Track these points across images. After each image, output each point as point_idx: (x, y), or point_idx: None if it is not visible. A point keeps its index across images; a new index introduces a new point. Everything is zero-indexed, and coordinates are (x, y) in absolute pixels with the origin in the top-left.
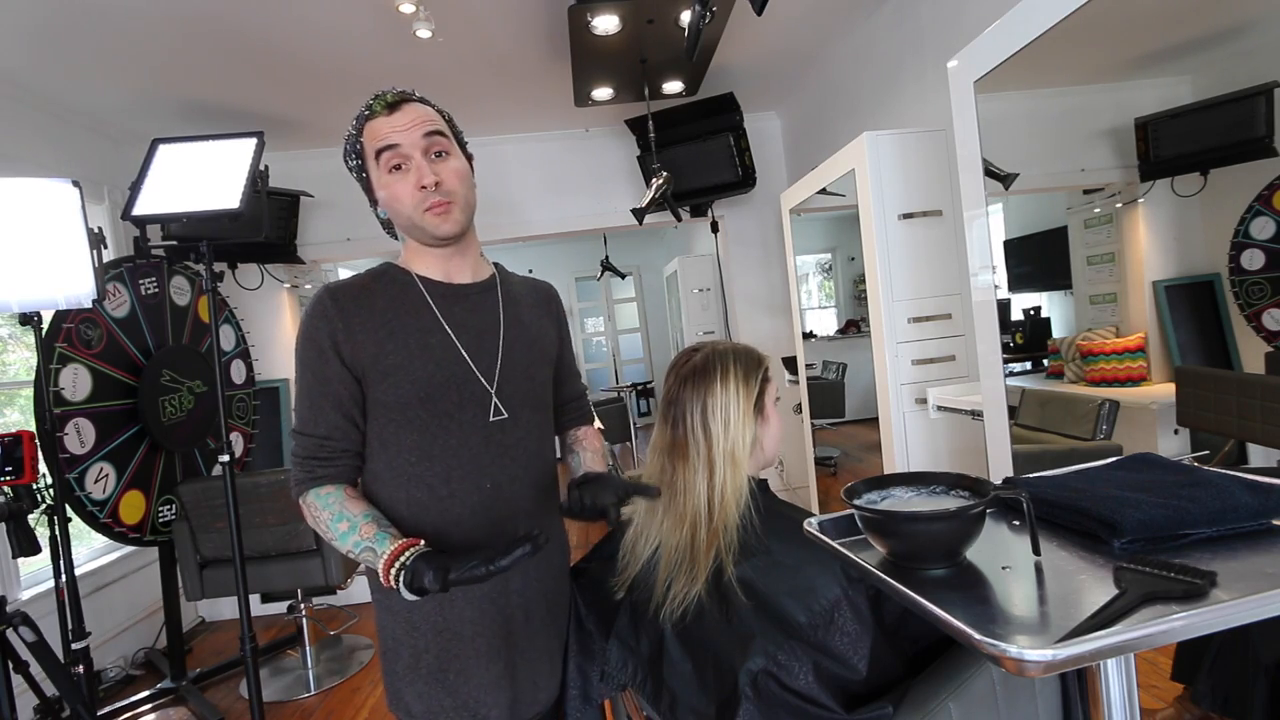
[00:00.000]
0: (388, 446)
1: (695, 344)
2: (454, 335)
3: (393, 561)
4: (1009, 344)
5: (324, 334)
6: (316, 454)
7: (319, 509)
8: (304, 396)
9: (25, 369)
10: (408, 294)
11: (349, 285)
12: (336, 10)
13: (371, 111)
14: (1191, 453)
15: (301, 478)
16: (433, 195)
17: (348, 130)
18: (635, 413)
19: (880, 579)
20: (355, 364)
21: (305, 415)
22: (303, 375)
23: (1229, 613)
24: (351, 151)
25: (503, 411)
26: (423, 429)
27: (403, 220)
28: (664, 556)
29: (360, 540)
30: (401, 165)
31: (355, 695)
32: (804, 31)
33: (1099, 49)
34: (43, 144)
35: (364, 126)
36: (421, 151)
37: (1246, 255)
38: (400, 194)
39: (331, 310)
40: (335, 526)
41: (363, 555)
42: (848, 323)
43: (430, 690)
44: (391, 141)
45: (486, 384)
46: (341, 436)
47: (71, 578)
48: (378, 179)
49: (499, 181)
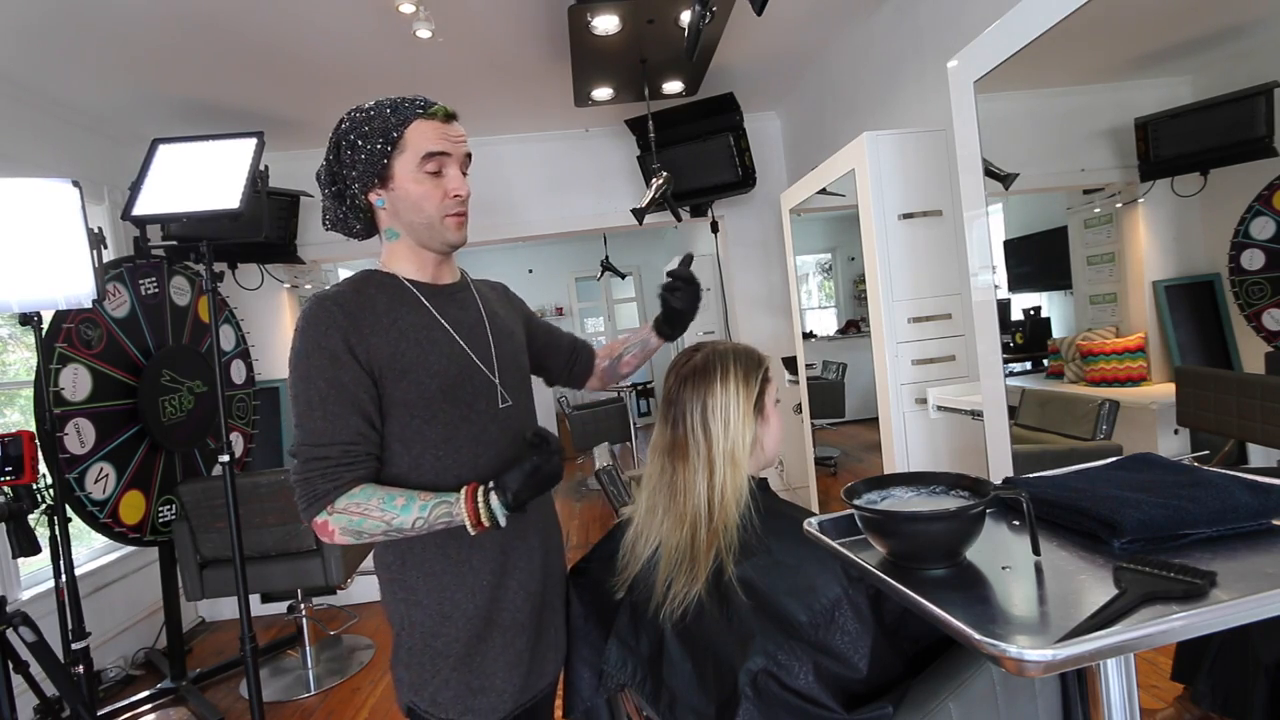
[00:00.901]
0: (411, 445)
1: (695, 344)
2: (453, 331)
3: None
4: (1009, 344)
5: (336, 339)
6: (341, 461)
7: (359, 506)
8: (318, 408)
9: (25, 369)
10: (402, 295)
11: (345, 291)
12: (337, 10)
13: (427, 113)
14: (1191, 453)
15: (325, 489)
16: (461, 205)
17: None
18: (635, 413)
19: (880, 579)
20: (371, 365)
21: (321, 427)
22: (311, 387)
23: (1229, 613)
24: (378, 134)
25: (508, 399)
26: (446, 421)
27: (421, 219)
28: (664, 556)
29: (426, 503)
30: (438, 172)
31: (355, 695)
32: (804, 31)
33: (1099, 49)
34: (43, 144)
35: (411, 122)
36: (458, 166)
37: (1246, 255)
38: (431, 194)
39: (339, 315)
40: (390, 506)
41: (435, 513)
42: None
43: (458, 675)
44: (446, 149)
45: (489, 374)
46: (364, 440)
47: (71, 578)
48: (407, 174)
49: (499, 181)
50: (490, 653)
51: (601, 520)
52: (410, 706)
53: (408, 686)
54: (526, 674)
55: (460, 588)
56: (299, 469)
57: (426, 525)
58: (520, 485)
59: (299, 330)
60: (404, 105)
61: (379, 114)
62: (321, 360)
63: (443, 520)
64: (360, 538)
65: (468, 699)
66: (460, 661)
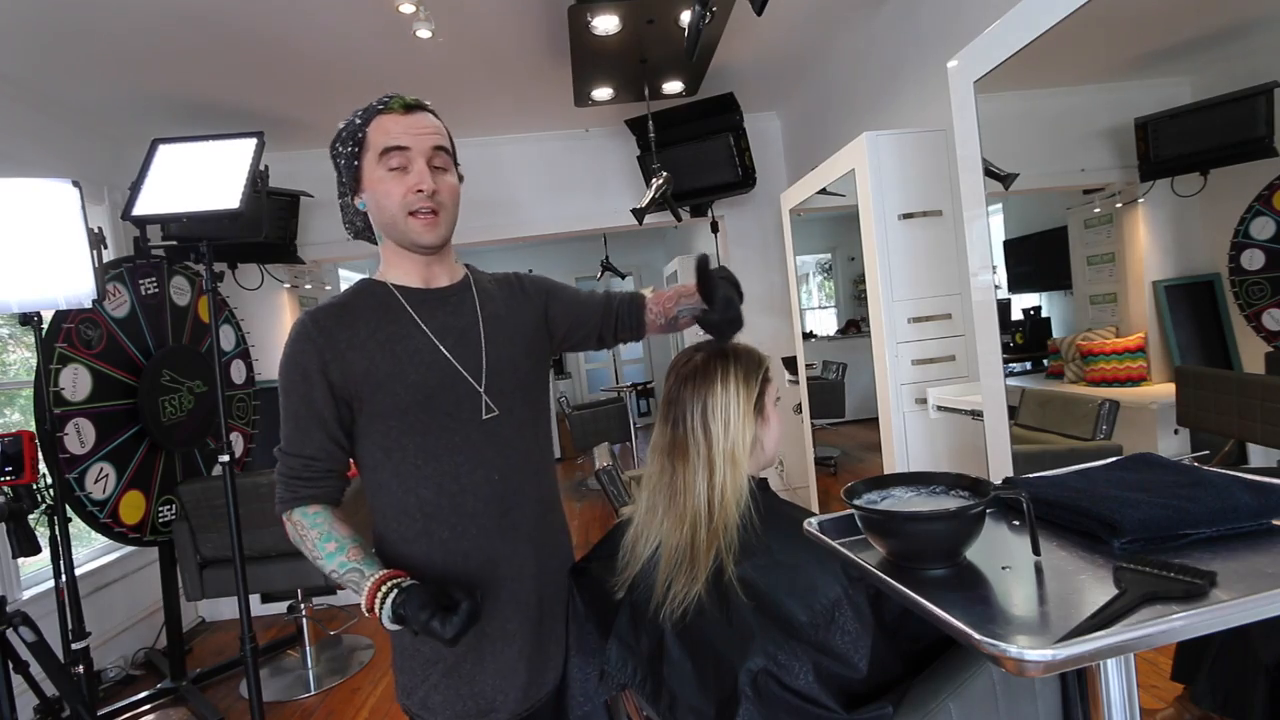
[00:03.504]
0: (392, 454)
1: (695, 344)
2: (437, 340)
3: (379, 585)
4: (1009, 344)
5: (310, 357)
6: (302, 474)
7: (306, 527)
8: (289, 419)
9: (25, 369)
10: (388, 306)
11: (328, 307)
12: (337, 10)
13: (387, 107)
14: (1191, 453)
15: (286, 497)
16: (424, 201)
17: (348, 118)
18: (635, 413)
19: (880, 579)
20: (345, 384)
21: (291, 436)
22: (288, 399)
23: (1229, 613)
24: (349, 138)
25: (494, 409)
26: (425, 430)
27: (385, 218)
28: (664, 556)
29: (346, 561)
30: (404, 167)
31: (355, 695)
32: (804, 31)
33: (1099, 49)
34: (43, 144)
35: (373, 119)
36: (425, 159)
37: (1246, 255)
38: (392, 191)
39: (315, 334)
40: (323, 546)
41: (347, 576)
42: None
43: (448, 682)
44: (403, 143)
45: (475, 383)
46: (326, 457)
47: (71, 578)
48: (371, 173)
49: (499, 181)
50: (481, 661)
51: (601, 520)
52: (406, 708)
53: (402, 689)
54: (525, 685)
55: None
56: (277, 469)
57: (339, 579)
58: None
59: (286, 344)
60: (372, 105)
61: (351, 118)
62: (296, 376)
63: (351, 586)
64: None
65: (457, 705)
66: (450, 668)
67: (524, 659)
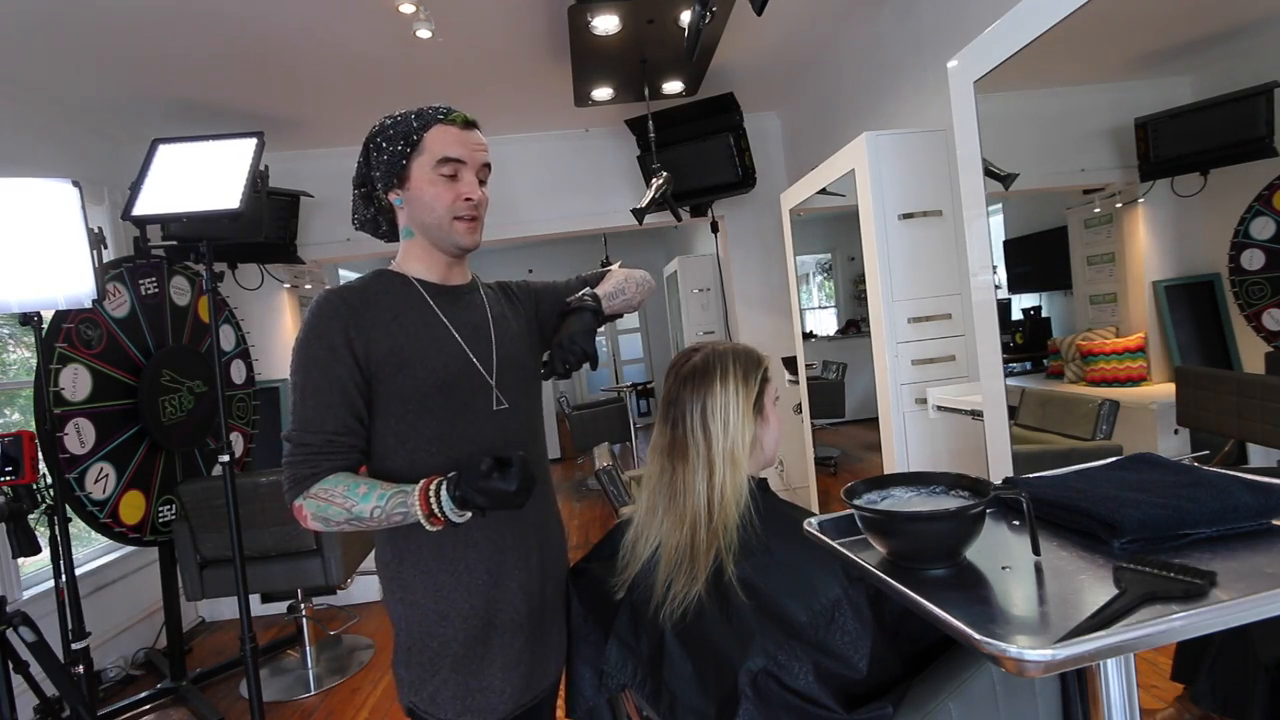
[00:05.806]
0: (406, 441)
1: (695, 344)
2: (455, 332)
3: (426, 488)
4: (1009, 344)
5: (337, 331)
6: (323, 450)
7: (327, 492)
8: (310, 397)
9: (25, 369)
10: (409, 295)
11: (353, 287)
12: (337, 10)
13: (448, 118)
14: (1191, 453)
15: (305, 474)
16: (471, 209)
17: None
18: (635, 413)
19: (880, 579)
20: (369, 360)
21: (311, 415)
22: (307, 375)
23: (1229, 613)
24: (400, 137)
25: (504, 402)
26: (442, 417)
27: (431, 219)
28: (664, 556)
29: (385, 493)
30: (455, 175)
31: (355, 695)
32: (804, 31)
33: (1099, 49)
34: (43, 144)
35: (432, 126)
36: (474, 173)
37: (1246, 255)
38: (443, 195)
39: (343, 309)
40: (354, 493)
41: (391, 502)
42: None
43: (456, 676)
44: (461, 156)
45: (487, 376)
46: (349, 433)
47: (71, 578)
48: (423, 176)
49: (499, 181)
50: (489, 653)
51: (601, 520)
52: (410, 706)
53: (407, 686)
54: (527, 675)
55: (457, 587)
56: (287, 453)
57: (384, 514)
58: (471, 488)
59: (305, 319)
60: (427, 111)
61: (404, 119)
62: (320, 351)
63: (399, 511)
64: (328, 525)
65: (466, 699)
66: (459, 662)
67: (528, 649)
